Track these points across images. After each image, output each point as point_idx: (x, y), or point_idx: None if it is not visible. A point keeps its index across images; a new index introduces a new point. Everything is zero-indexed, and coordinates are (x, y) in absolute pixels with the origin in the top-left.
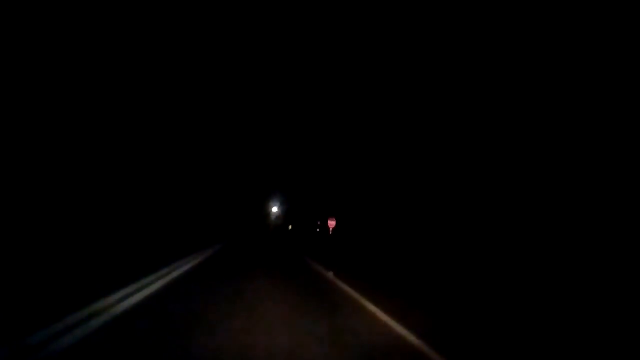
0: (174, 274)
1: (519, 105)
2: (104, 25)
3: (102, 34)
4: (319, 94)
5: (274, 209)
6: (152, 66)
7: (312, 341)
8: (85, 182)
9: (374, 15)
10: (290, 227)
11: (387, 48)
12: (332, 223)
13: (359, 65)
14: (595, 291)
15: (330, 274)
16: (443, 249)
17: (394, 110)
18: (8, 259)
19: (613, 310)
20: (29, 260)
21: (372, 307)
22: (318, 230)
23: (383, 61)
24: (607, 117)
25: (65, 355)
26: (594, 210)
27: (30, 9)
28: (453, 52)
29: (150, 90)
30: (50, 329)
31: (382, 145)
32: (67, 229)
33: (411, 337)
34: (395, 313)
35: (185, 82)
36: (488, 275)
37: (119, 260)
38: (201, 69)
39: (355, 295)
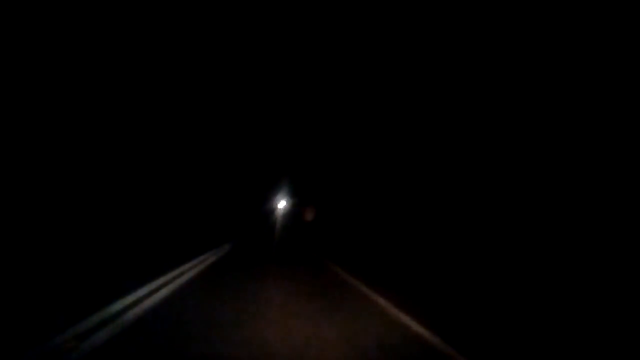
0: None
1: (519, 105)
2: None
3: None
4: (325, 72)
5: (282, 204)
6: (154, 54)
7: None
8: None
9: (384, 6)
10: None
11: (402, 38)
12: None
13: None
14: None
15: None
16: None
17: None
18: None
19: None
20: None
21: None
22: None
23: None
24: (607, 117)
25: None
26: (594, 208)
27: (30, 8)
28: (465, 43)
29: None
30: None
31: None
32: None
33: None
34: None
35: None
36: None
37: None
38: (205, 61)
39: None
